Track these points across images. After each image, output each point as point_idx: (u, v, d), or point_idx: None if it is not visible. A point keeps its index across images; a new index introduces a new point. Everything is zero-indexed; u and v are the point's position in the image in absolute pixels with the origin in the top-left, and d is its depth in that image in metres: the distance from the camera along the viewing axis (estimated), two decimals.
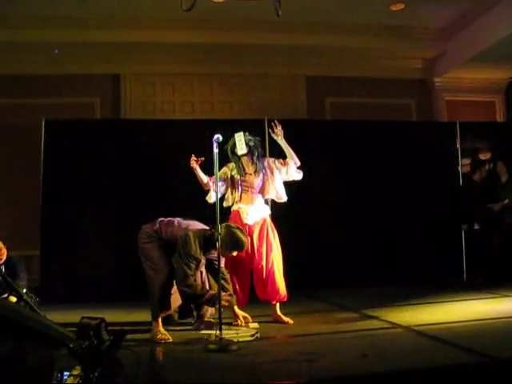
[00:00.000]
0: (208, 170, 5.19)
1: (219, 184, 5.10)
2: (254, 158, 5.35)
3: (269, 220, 5.45)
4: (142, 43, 8.66)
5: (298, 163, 5.50)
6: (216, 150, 4.65)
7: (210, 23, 8.46)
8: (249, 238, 5.23)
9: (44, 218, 7.39)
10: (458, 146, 8.60)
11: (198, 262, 4.76)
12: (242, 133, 5.26)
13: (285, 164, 5.48)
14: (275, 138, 5.51)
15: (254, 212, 5.33)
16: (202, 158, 5.20)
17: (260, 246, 5.30)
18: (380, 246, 8.07)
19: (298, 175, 5.53)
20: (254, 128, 5.97)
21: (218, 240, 4.49)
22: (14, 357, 2.87)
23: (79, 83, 8.89)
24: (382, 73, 9.72)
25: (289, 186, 5.65)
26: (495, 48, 8.45)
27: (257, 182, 5.37)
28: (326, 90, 9.68)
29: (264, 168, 5.42)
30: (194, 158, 5.18)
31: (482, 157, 8.88)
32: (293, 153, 5.50)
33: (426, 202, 8.25)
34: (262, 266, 5.27)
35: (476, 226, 8.11)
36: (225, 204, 5.39)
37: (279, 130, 5.47)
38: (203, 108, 9.32)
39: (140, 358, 3.26)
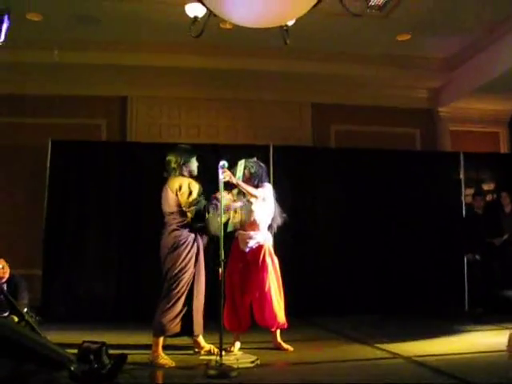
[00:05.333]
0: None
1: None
2: (254, 184, 5.34)
3: (267, 246, 5.38)
4: (150, 66, 8.76)
5: (256, 194, 5.25)
6: (221, 177, 4.68)
7: (217, 49, 8.56)
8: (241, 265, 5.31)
9: (47, 238, 7.40)
10: (461, 176, 8.62)
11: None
12: (243, 160, 5.30)
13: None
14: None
15: (252, 239, 5.34)
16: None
17: (256, 272, 5.28)
18: (382, 274, 8.06)
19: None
20: (259, 154, 5.99)
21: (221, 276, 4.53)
22: (14, 379, 2.86)
23: (86, 104, 8.94)
24: (387, 101, 9.78)
25: (292, 212, 5.65)
26: (500, 79, 8.51)
27: (256, 208, 5.36)
28: (331, 117, 9.73)
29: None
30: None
31: (486, 187, 8.90)
32: (249, 189, 5.22)
33: (429, 231, 8.26)
34: (259, 291, 5.26)
35: (477, 257, 8.08)
36: (228, 229, 5.39)
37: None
38: (209, 132, 9.37)
39: (140, 382, 3.25)
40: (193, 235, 4.93)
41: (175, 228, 4.90)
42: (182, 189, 4.88)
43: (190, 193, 4.86)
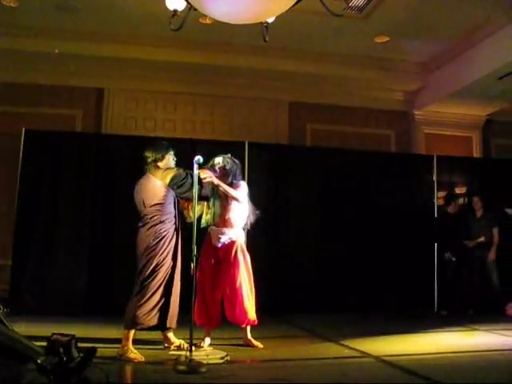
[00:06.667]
0: None
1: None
2: (228, 181, 5.34)
3: (239, 243, 5.38)
4: (128, 59, 8.69)
5: (238, 198, 5.31)
6: (196, 172, 4.66)
7: (196, 43, 8.54)
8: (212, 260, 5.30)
9: (17, 228, 7.30)
10: (434, 178, 8.72)
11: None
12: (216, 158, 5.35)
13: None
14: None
15: (224, 235, 5.33)
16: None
17: (228, 268, 5.29)
18: (353, 273, 8.12)
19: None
20: (235, 150, 5.99)
21: (193, 271, 4.50)
22: None
23: (62, 94, 8.86)
24: (363, 102, 9.87)
25: (266, 210, 5.65)
26: (475, 86, 8.66)
27: (229, 204, 5.36)
28: (307, 116, 9.78)
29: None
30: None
31: (458, 191, 9.02)
32: (231, 191, 5.27)
33: (401, 232, 8.33)
34: (230, 287, 5.26)
35: (453, 258, 8.13)
36: (201, 224, 5.37)
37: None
38: (185, 127, 9.33)
39: (109, 376, 3.23)
40: (174, 228, 4.93)
41: (158, 221, 4.88)
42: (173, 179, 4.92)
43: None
